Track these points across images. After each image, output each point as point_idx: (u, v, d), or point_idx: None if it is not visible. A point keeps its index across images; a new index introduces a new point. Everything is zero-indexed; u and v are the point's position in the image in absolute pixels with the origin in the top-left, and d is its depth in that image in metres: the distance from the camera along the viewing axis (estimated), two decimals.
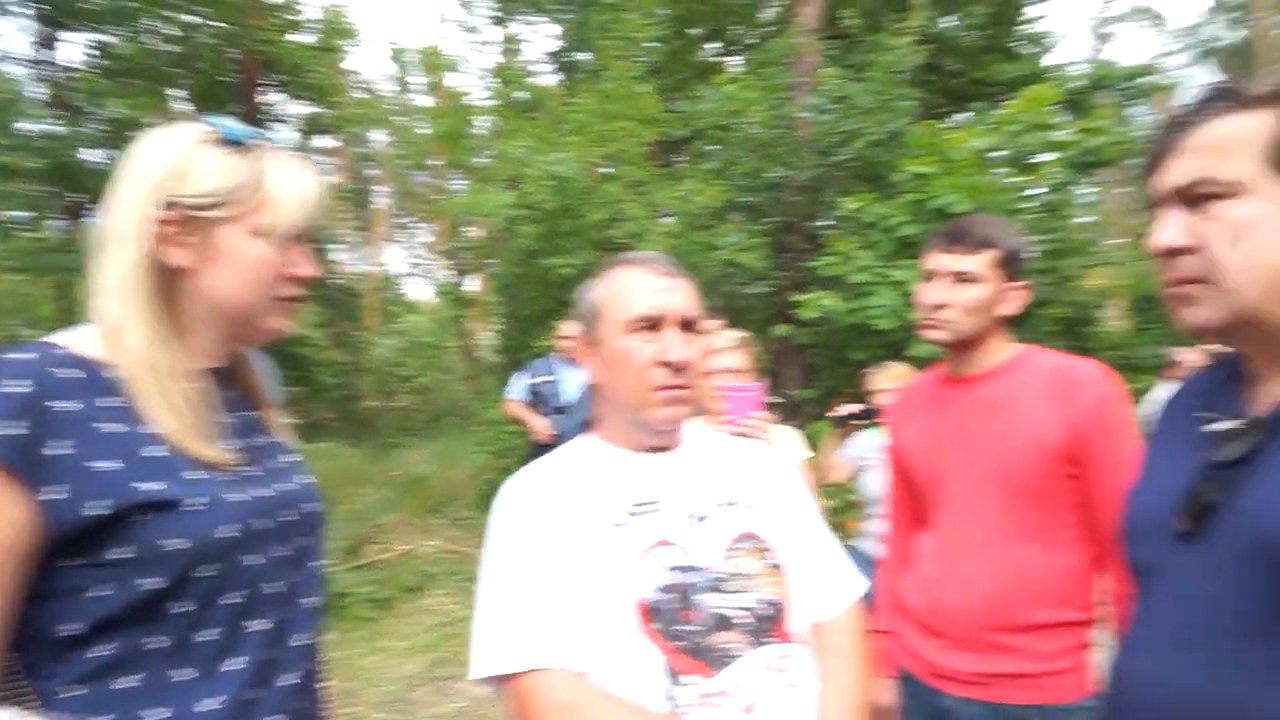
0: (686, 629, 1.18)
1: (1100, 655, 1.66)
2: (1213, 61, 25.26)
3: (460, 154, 9.20)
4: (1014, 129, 7.46)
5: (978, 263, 1.75)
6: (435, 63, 13.33)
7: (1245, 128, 0.91)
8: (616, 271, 1.34)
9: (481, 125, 11.37)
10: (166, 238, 1.00)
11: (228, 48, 12.00)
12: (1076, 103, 10.52)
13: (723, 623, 1.21)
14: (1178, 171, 0.94)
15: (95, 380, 0.95)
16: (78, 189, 10.08)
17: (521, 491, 1.29)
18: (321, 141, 16.53)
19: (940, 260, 1.79)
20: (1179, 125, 0.96)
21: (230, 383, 1.12)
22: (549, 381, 5.52)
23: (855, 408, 3.60)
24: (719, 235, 7.77)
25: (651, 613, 1.18)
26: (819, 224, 8.63)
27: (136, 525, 0.91)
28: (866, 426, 3.71)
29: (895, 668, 1.90)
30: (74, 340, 0.98)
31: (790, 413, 7.66)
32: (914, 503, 1.94)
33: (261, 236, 1.05)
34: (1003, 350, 1.82)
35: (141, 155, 1.03)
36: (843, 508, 6.16)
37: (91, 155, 10.48)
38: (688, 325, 1.29)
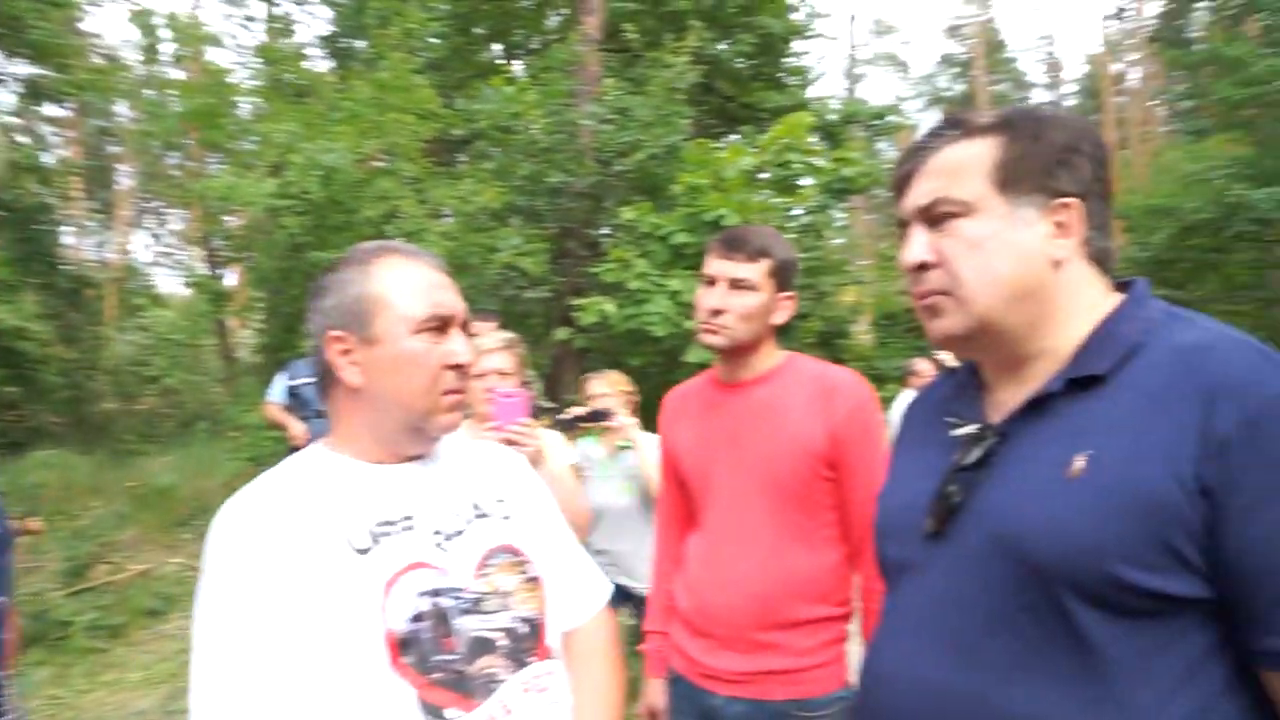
0: (445, 659, 1.10)
1: (854, 648, 1.79)
2: (941, 108, 28.65)
3: (217, 135, 8.41)
4: (776, 151, 8.01)
5: (754, 271, 1.79)
6: (189, 33, 12.13)
7: (974, 153, 0.99)
8: (386, 263, 1.19)
9: (243, 106, 10.51)
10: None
11: None
12: (832, 134, 11.54)
13: (483, 646, 1.14)
14: (919, 193, 1.02)
15: None
16: None
17: (242, 516, 1.12)
18: (51, 110, 14.58)
19: (719, 266, 1.82)
20: (919, 151, 1.04)
21: None
22: (310, 383, 5.18)
23: (581, 411, 3.54)
24: (499, 238, 7.69)
25: (403, 646, 1.08)
26: (598, 231, 8.80)
27: None
28: (590, 432, 3.68)
29: (666, 669, 1.93)
30: None
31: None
32: (685, 504, 1.97)
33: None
34: (771, 357, 1.88)
35: None
36: None
37: None
38: (465, 326, 1.23)
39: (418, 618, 1.10)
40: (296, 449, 4.76)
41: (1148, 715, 0.83)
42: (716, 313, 1.80)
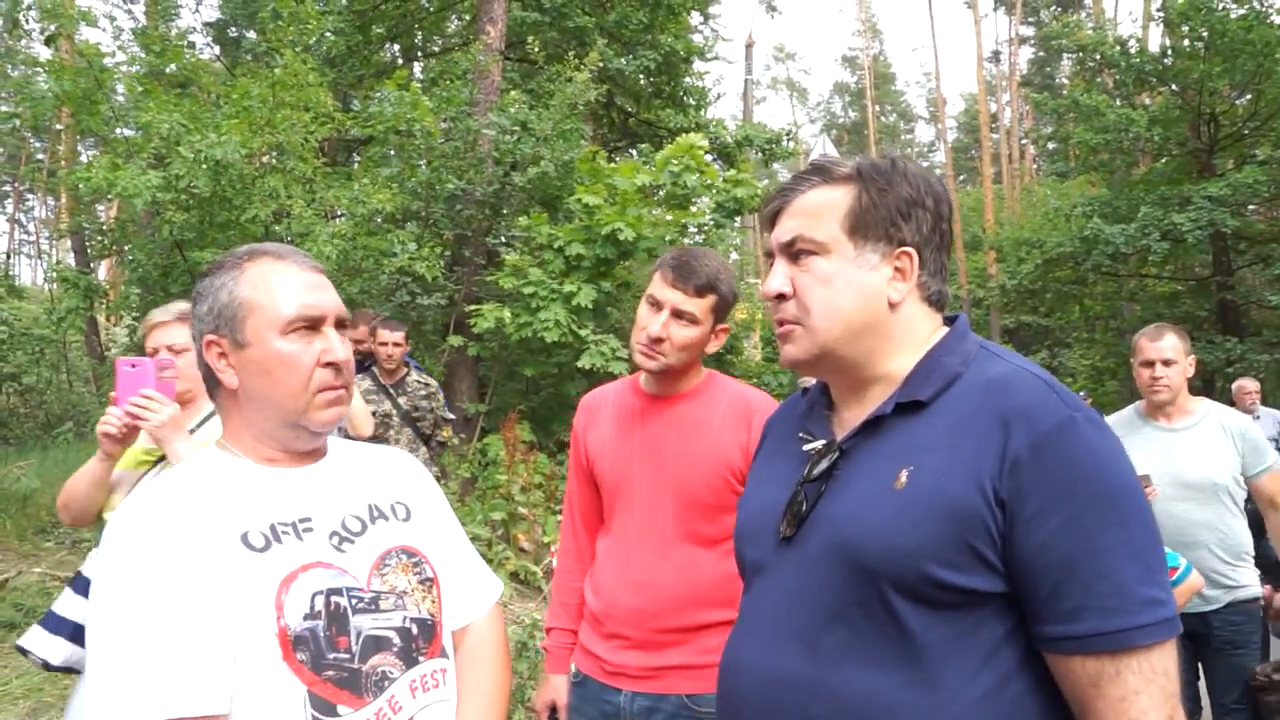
0: (337, 657, 1.13)
1: None
2: (834, 134, 29.82)
3: (93, 121, 7.96)
4: (672, 169, 8.22)
5: (699, 306, 1.86)
6: (61, 9, 11.43)
7: (832, 199, 1.11)
8: (255, 266, 1.22)
9: (120, 92, 9.97)
10: None
11: None
12: (727, 155, 11.91)
13: (377, 645, 1.17)
14: (783, 230, 1.13)
15: None
16: None
17: (137, 519, 1.12)
18: None
19: (666, 294, 1.87)
20: (787, 191, 1.15)
21: None
22: None
23: None
24: (393, 241, 7.60)
25: (295, 643, 1.10)
26: (495, 239, 8.80)
27: None
28: None
29: (568, 664, 1.99)
30: None
31: (462, 425, 7.69)
32: (596, 504, 2.05)
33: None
34: (697, 375, 1.98)
35: None
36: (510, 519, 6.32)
37: None
38: (340, 323, 1.25)
39: (313, 615, 1.12)
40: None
41: (955, 691, 0.97)
42: (657, 341, 1.86)
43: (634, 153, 12.72)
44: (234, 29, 15.25)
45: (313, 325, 1.21)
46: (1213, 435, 2.97)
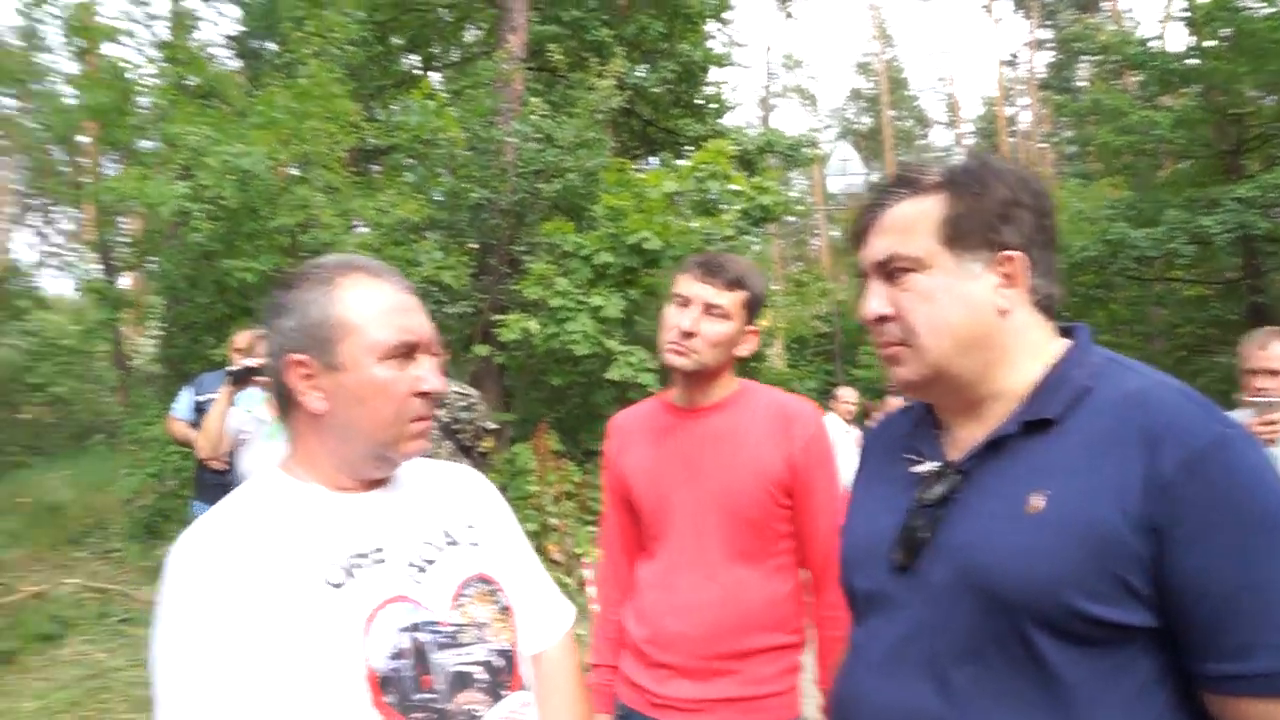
0: (424, 697, 1.07)
1: (806, 676, 1.81)
2: (850, 140, 29.74)
3: (120, 133, 8.03)
4: (699, 176, 8.19)
5: (729, 299, 1.79)
6: (87, 25, 11.54)
7: (922, 210, 1.05)
8: (350, 282, 1.14)
9: (146, 104, 10.06)
10: None
11: None
12: (750, 162, 11.87)
13: (462, 682, 1.11)
14: (875, 249, 1.08)
15: None
16: None
17: (205, 546, 1.06)
18: None
19: (694, 289, 1.80)
20: (872, 207, 1.10)
21: None
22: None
23: (253, 363, 3.33)
24: (419, 251, 7.59)
25: (384, 684, 1.05)
26: (520, 248, 8.79)
27: None
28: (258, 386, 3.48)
29: (613, 701, 1.89)
30: None
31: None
32: (635, 530, 1.94)
33: None
34: (729, 384, 1.88)
35: None
36: (540, 531, 6.27)
37: None
38: (432, 350, 1.19)
39: (398, 654, 1.07)
40: (209, 468, 4.49)
41: None
42: (688, 335, 1.78)
43: (653, 161, 12.71)
44: (254, 41, 15.35)
45: (409, 352, 1.14)
46: None
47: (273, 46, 14.10)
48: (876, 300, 1.08)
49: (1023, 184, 1.06)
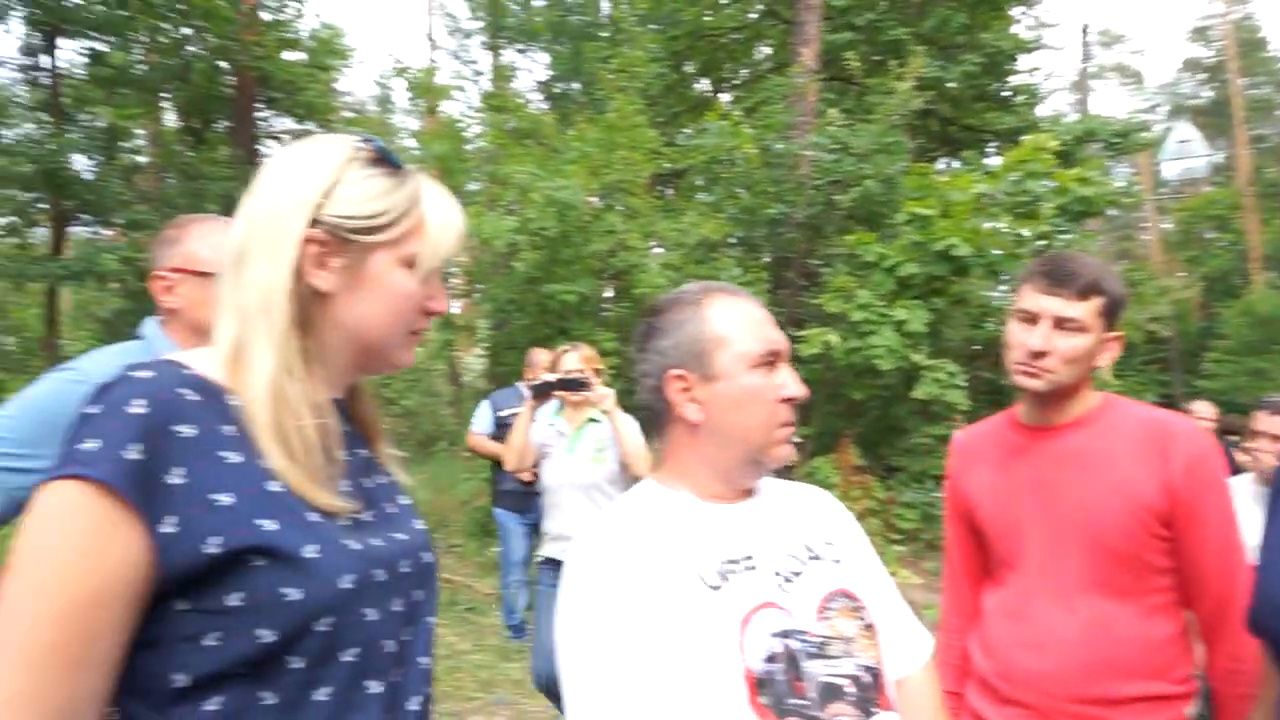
0: (798, 703, 1.09)
1: None
2: (1187, 118, 25.91)
3: (457, 177, 9.13)
4: (1015, 175, 7.57)
5: (1084, 310, 1.61)
6: (429, 86, 13.31)
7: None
8: (715, 302, 1.23)
9: (474, 150, 11.38)
10: (313, 259, 0.93)
11: (221, 61, 11.91)
12: (1066, 154, 10.77)
13: (833, 693, 1.12)
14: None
15: (216, 405, 0.86)
16: (64, 196, 9.90)
17: (599, 553, 1.16)
18: None
19: (1042, 303, 1.63)
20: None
21: (346, 416, 1.04)
22: (517, 414, 5.34)
23: (555, 377, 3.43)
24: (719, 268, 7.77)
25: (760, 685, 1.08)
26: (817, 261, 8.68)
27: (251, 569, 0.81)
28: (563, 399, 3.55)
29: None
30: (194, 360, 0.90)
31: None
32: (979, 555, 1.82)
33: (410, 267, 0.97)
34: (1088, 399, 1.69)
35: (289, 167, 0.94)
36: None
37: (80, 163, 10.34)
38: (788, 359, 1.27)
39: (771, 658, 1.10)
40: (510, 477, 4.77)
41: None
42: (1039, 355, 1.62)
43: (952, 162, 11.99)
44: (559, 84, 16.78)
45: (772, 361, 1.22)
46: None
47: (577, 86, 15.37)
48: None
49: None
